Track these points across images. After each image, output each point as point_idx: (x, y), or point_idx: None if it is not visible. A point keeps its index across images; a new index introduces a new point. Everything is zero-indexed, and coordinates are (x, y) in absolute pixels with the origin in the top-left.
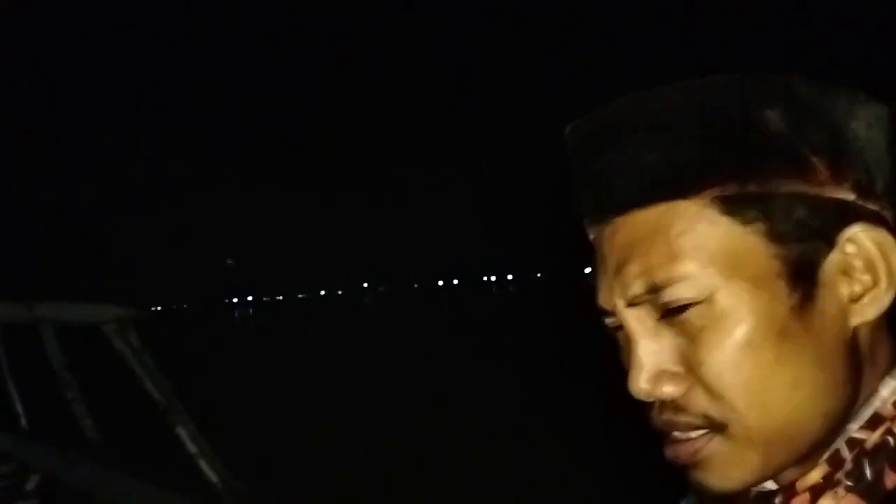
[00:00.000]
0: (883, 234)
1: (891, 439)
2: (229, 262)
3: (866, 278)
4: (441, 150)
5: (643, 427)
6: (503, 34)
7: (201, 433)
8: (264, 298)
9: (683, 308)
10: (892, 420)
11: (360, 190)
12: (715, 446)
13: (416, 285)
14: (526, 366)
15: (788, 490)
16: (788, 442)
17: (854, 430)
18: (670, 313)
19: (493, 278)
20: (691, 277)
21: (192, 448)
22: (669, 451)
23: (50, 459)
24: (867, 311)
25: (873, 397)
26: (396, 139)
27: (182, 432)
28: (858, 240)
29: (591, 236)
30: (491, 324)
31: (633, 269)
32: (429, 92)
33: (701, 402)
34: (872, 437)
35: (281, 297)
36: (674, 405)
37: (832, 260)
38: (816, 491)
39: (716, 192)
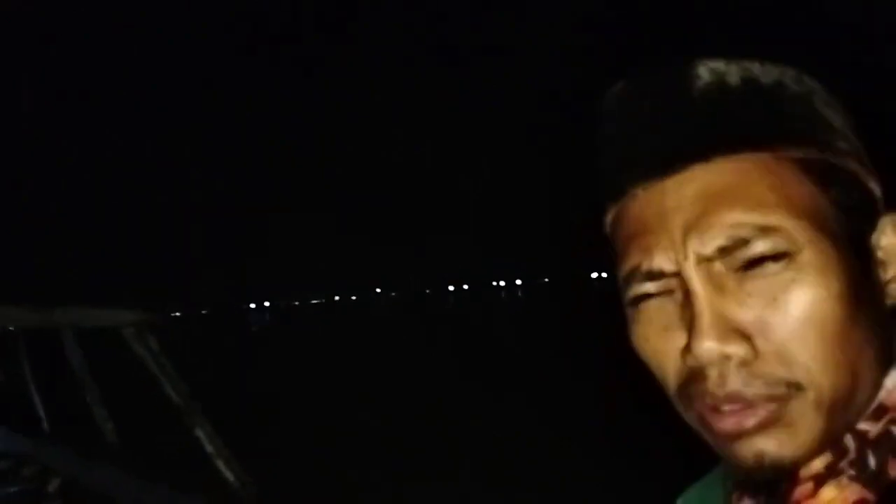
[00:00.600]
0: None
1: (894, 429)
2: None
3: (892, 269)
4: (451, 157)
5: (650, 429)
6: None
7: (218, 435)
8: (280, 304)
9: (764, 262)
10: (895, 411)
11: (371, 197)
12: (783, 413)
13: (427, 290)
14: (534, 370)
15: (792, 478)
16: (847, 409)
17: (858, 420)
18: (749, 267)
19: (501, 283)
20: (783, 229)
21: (209, 449)
22: (729, 421)
23: (71, 462)
24: (893, 296)
25: (875, 392)
26: (406, 146)
27: (200, 434)
28: (888, 231)
29: (635, 194)
30: (500, 328)
31: (720, 218)
32: (437, 96)
33: (775, 367)
34: (876, 428)
35: (296, 303)
36: (743, 372)
37: (876, 241)
38: (819, 479)
39: (800, 153)
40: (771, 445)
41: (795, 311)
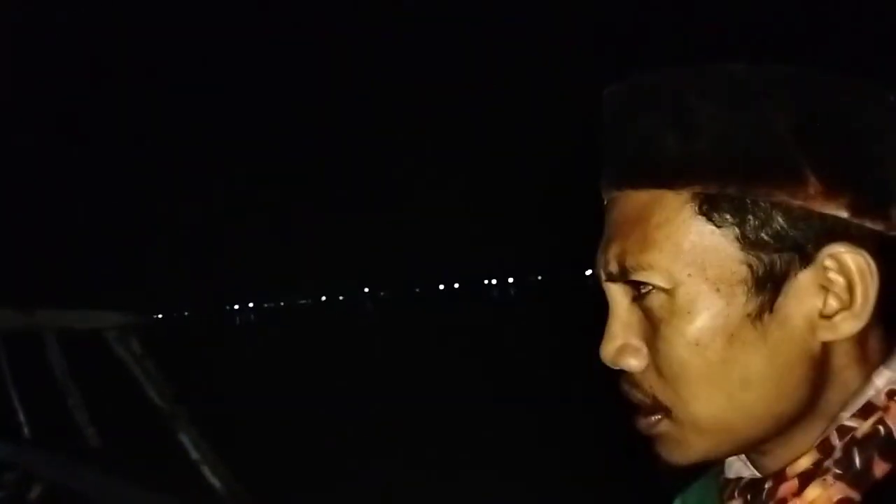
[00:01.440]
0: (865, 258)
1: (881, 428)
2: None
3: (844, 297)
4: (441, 154)
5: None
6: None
7: (203, 439)
8: (265, 304)
9: (649, 292)
10: (884, 410)
11: (360, 195)
12: (664, 426)
13: (416, 290)
14: (527, 369)
15: (778, 476)
16: (733, 435)
17: (846, 418)
18: (638, 296)
19: (493, 282)
20: (657, 268)
21: (194, 454)
22: (635, 421)
23: (53, 467)
24: (840, 329)
25: (867, 386)
26: (396, 144)
27: (184, 438)
28: (840, 259)
29: (605, 203)
30: (492, 327)
31: (614, 248)
32: (428, 95)
33: (652, 384)
34: (864, 426)
35: (282, 303)
36: (631, 380)
37: (806, 275)
38: (805, 477)
39: (697, 188)
40: (662, 452)
41: (670, 344)
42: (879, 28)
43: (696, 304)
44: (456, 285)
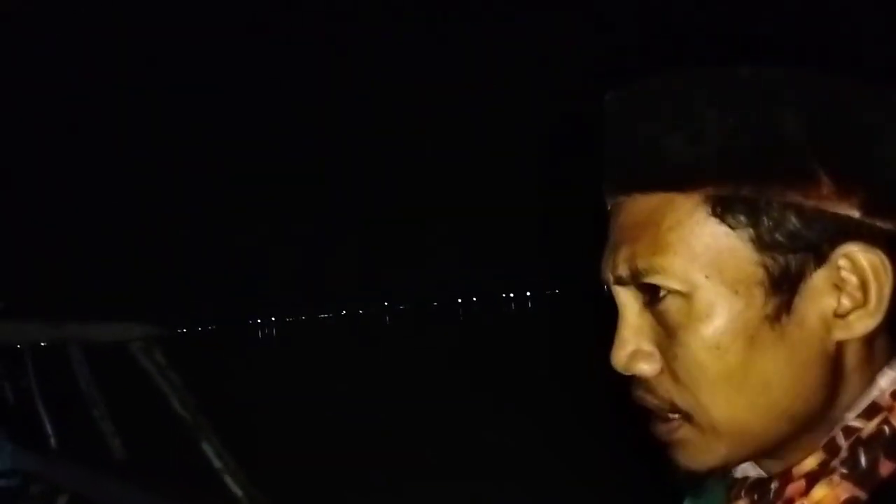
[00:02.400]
0: (880, 256)
1: (887, 429)
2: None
3: (858, 295)
4: (458, 167)
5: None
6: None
7: (226, 449)
8: (287, 318)
9: (664, 296)
10: (889, 410)
11: (379, 209)
12: (684, 432)
13: (434, 303)
14: (543, 382)
15: (784, 476)
16: (753, 438)
17: (851, 418)
18: (652, 300)
19: (511, 295)
20: (670, 271)
21: (217, 464)
22: (652, 428)
23: (78, 479)
24: (854, 328)
25: (871, 387)
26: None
27: (207, 448)
28: (854, 258)
29: (608, 207)
30: (509, 339)
31: (623, 252)
32: (442, 101)
33: (668, 389)
34: (869, 427)
35: (303, 317)
36: (646, 385)
37: (821, 274)
38: (812, 477)
39: (709, 190)
40: (680, 458)
41: (688, 349)
42: (879, 28)
43: (714, 307)
44: (474, 299)
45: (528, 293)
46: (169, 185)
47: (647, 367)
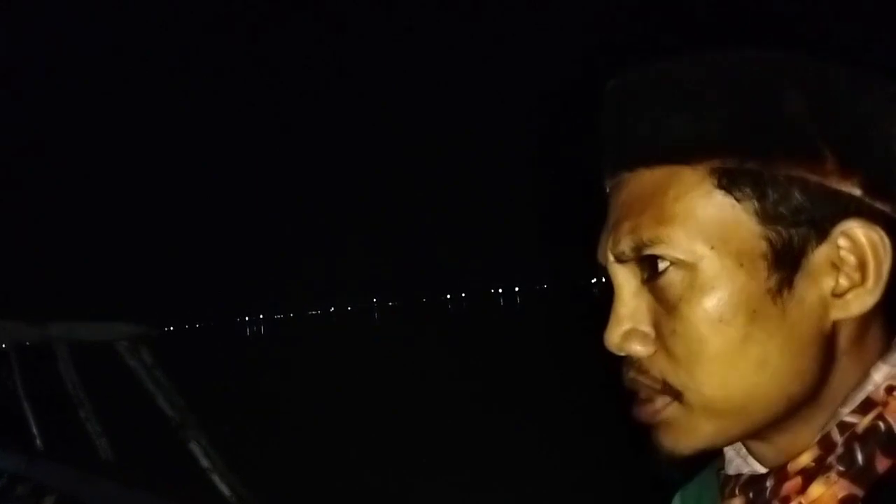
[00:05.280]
0: (880, 235)
1: (882, 424)
2: None
3: (856, 275)
4: (447, 163)
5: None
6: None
7: (214, 449)
8: (275, 315)
9: (665, 270)
10: (883, 405)
11: (368, 206)
12: (671, 411)
13: (424, 299)
14: (532, 377)
15: (779, 473)
16: (744, 417)
17: (845, 413)
18: (652, 276)
19: (499, 290)
20: (675, 241)
21: (205, 463)
22: (634, 411)
23: (65, 479)
24: (851, 307)
25: (866, 382)
26: (403, 152)
27: (195, 448)
28: (854, 236)
29: (607, 191)
30: (499, 335)
31: (626, 225)
32: (433, 103)
33: (662, 368)
34: (864, 422)
35: (291, 314)
36: (638, 366)
37: (821, 251)
38: (808, 474)
39: (716, 163)
40: (666, 441)
41: (688, 322)
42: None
43: (719, 279)
44: (463, 294)
45: (517, 288)
46: (156, 184)
47: (640, 348)
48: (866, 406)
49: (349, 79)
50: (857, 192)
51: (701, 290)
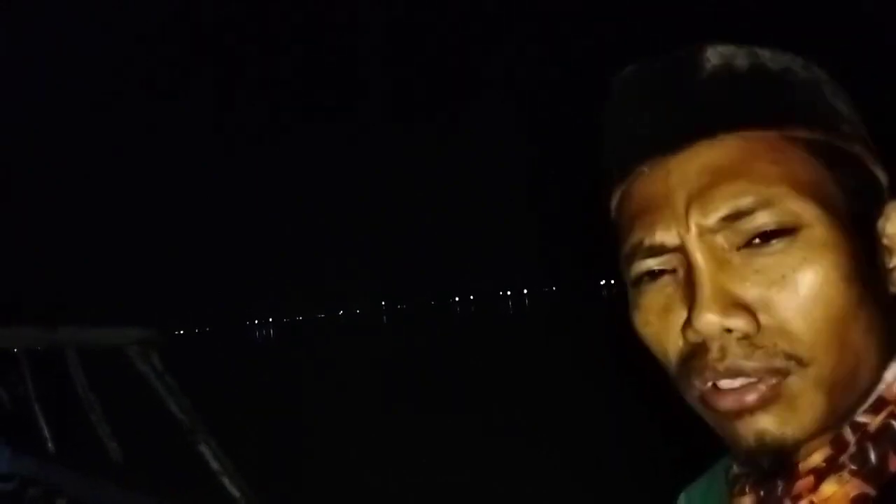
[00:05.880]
0: None
1: (894, 423)
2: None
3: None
4: (455, 166)
5: (659, 437)
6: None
7: (223, 452)
8: (284, 319)
9: (769, 237)
10: (895, 404)
11: (375, 209)
12: (783, 388)
13: (432, 302)
14: (541, 379)
15: (790, 472)
16: (852, 390)
17: (858, 413)
18: (755, 244)
19: (508, 293)
20: (787, 204)
21: (214, 466)
22: (728, 398)
23: (76, 482)
24: None
25: (878, 381)
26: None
27: (205, 451)
28: (893, 217)
29: (642, 172)
30: (508, 339)
31: (723, 190)
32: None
33: (777, 340)
34: (876, 421)
35: (300, 318)
36: (745, 344)
37: (880, 226)
38: (820, 474)
39: (804, 133)
40: (772, 424)
41: (803, 289)
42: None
43: (835, 241)
44: (471, 297)
45: (525, 291)
46: (165, 187)
47: (744, 322)
48: (878, 405)
49: (352, 78)
50: (885, 180)
51: (825, 249)
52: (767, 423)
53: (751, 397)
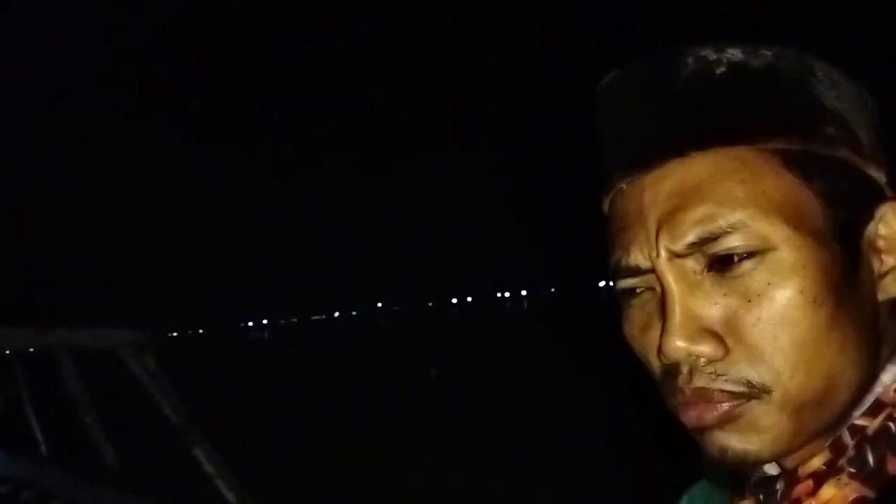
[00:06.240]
0: None
1: (892, 425)
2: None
3: (890, 259)
4: (453, 169)
5: (659, 438)
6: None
7: (217, 454)
8: (279, 321)
9: (739, 260)
10: (893, 406)
11: (373, 211)
12: (747, 409)
13: (429, 304)
14: (540, 380)
15: (790, 476)
16: (822, 411)
17: (856, 416)
18: (722, 266)
19: (506, 294)
20: (754, 225)
21: (209, 469)
22: (691, 415)
23: (70, 485)
24: (890, 288)
25: (875, 383)
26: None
27: (199, 453)
28: (888, 220)
29: (621, 188)
30: (505, 340)
31: (690, 215)
32: (440, 103)
33: (742, 367)
34: (874, 424)
35: (295, 320)
36: (710, 370)
37: (870, 231)
38: (819, 477)
39: (780, 144)
40: (733, 441)
41: (769, 312)
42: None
43: (807, 259)
44: (469, 298)
45: (524, 293)
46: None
47: (711, 349)
48: (876, 408)
49: (352, 78)
50: (883, 178)
51: (791, 272)
52: (728, 441)
53: (709, 417)
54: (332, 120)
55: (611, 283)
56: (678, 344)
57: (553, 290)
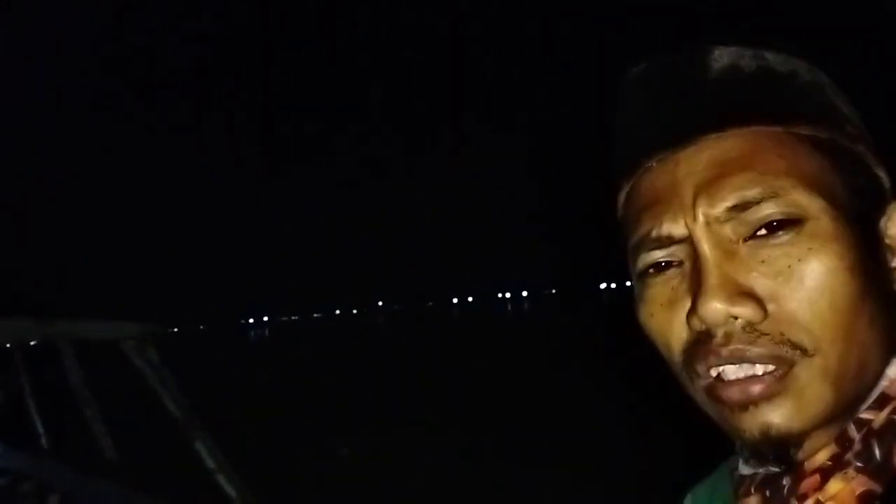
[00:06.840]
0: None
1: None
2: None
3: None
4: (454, 170)
5: (660, 439)
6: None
7: (218, 449)
8: (280, 318)
9: (776, 228)
10: None
11: (374, 210)
12: (793, 380)
13: (430, 303)
14: (541, 381)
15: (796, 471)
16: (858, 381)
17: (862, 409)
18: (761, 235)
19: (507, 295)
20: (793, 195)
21: (210, 463)
22: (734, 389)
23: (70, 478)
24: None
25: (880, 378)
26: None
27: (201, 448)
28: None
29: (650, 167)
30: (506, 340)
31: (732, 180)
32: (442, 98)
33: (783, 328)
34: (880, 417)
35: (296, 317)
36: (749, 331)
37: (882, 226)
38: (826, 472)
39: (809, 130)
40: (777, 416)
41: (810, 280)
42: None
43: (841, 232)
44: (469, 298)
45: (525, 293)
46: (162, 183)
47: (750, 311)
48: (881, 402)
49: (352, 77)
50: (887, 180)
51: (831, 239)
52: (773, 417)
53: (756, 388)
54: (334, 119)
55: (611, 283)
56: (716, 304)
57: (554, 290)
